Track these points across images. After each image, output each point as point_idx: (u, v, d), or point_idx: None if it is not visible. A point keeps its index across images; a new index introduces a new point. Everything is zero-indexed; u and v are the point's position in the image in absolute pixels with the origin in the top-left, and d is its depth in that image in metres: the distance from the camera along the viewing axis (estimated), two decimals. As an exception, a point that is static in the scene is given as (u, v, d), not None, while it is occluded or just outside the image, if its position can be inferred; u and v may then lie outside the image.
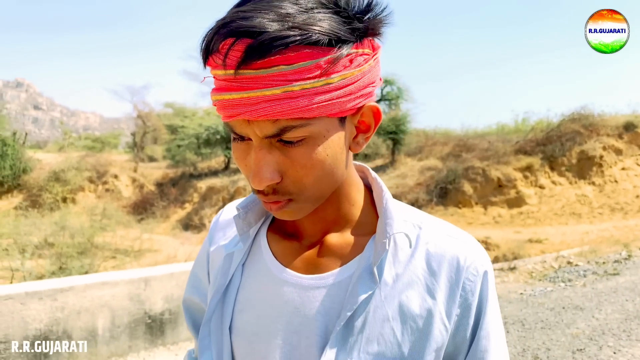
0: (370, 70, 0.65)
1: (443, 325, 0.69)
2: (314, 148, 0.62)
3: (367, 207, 0.77)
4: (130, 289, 4.10)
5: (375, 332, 0.68)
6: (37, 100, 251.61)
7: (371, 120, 0.69)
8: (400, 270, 0.71)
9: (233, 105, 0.59)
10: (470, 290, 0.70)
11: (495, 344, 0.72)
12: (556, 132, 17.49)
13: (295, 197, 0.66)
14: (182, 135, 23.76)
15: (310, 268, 0.74)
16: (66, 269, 9.60)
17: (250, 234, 0.80)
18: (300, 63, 0.57)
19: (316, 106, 0.59)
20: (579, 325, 5.08)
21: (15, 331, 3.56)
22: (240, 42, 0.56)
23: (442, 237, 0.73)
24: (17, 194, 21.66)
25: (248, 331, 0.74)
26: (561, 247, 10.78)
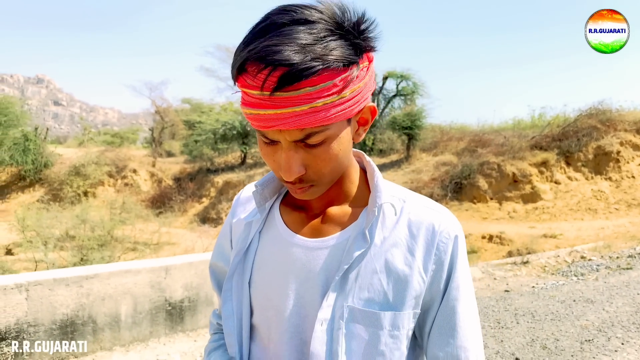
0: (369, 79, 0.82)
1: (421, 277, 0.86)
2: (330, 146, 0.80)
3: (362, 185, 0.96)
4: (152, 277, 4.27)
5: (366, 282, 0.85)
6: (57, 96, 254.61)
7: (369, 116, 0.86)
8: (387, 234, 0.88)
9: (268, 119, 0.75)
10: (443, 250, 0.87)
11: (464, 294, 0.89)
12: (573, 127, 17.33)
13: (316, 183, 0.84)
14: (199, 130, 23.96)
15: (315, 233, 0.92)
16: (87, 260, 9.84)
17: (266, 207, 0.99)
18: (322, 84, 0.72)
19: (334, 116, 0.76)
20: (589, 317, 5.15)
21: (44, 315, 3.75)
22: (276, 71, 0.70)
23: (421, 208, 0.91)
24: (38, 187, 22.09)
25: (264, 285, 0.93)
26: (576, 243, 10.75)
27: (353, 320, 0.85)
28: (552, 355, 4.22)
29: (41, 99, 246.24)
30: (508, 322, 5.08)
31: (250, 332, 0.96)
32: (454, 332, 0.88)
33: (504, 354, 4.26)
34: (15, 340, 3.62)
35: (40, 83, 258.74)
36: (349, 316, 0.85)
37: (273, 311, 0.91)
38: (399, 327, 0.86)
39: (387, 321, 0.85)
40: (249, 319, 0.95)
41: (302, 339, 0.88)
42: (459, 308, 0.88)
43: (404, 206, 0.91)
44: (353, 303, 0.85)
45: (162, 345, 4.21)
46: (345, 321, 0.85)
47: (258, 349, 0.94)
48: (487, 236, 12.30)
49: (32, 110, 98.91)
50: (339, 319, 0.85)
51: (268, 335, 0.92)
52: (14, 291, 3.61)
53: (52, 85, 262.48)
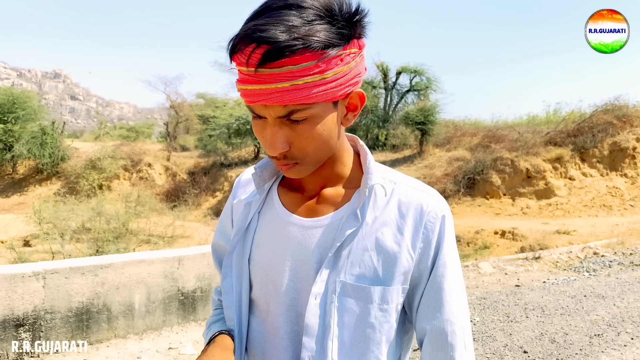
0: (357, 65, 0.86)
1: (409, 254, 0.91)
2: (314, 125, 0.84)
3: (355, 168, 1.00)
4: (165, 267, 4.36)
5: (357, 258, 0.91)
6: (73, 91, 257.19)
7: (358, 102, 0.90)
8: (378, 214, 0.93)
9: (254, 94, 0.80)
10: (430, 229, 0.92)
11: (450, 271, 0.94)
12: (588, 123, 17.14)
13: (300, 161, 0.89)
14: (213, 125, 24.09)
15: (310, 213, 0.97)
16: (103, 252, 9.99)
17: (265, 189, 1.04)
18: (303, 64, 0.77)
19: (315, 95, 0.80)
20: (599, 312, 5.15)
21: (61, 303, 3.85)
22: (260, 48, 0.76)
23: (411, 189, 0.96)
24: (55, 180, 22.41)
25: (263, 262, 0.98)
26: (589, 239, 10.68)
27: (345, 294, 0.90)
28: (560, 349, 4.24)
29: (58, 93, 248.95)
30: (517, 316, 5.10)
31: (250, 306, 1.00)
32: (441, 306, 0.92)
33: (512, 347, 4.28)
34: (32, 326, 3.73)
35: (57, 78, 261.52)
36: (341, 290, 0.90)
37: (271, 286, 0.96)
38: (388, 301, 0.90)
39: (376, 295, 0.90)
40: (248, 294, 1.00)
41: (297, 312, 0.94)
42: (445, 284, 0.92)
43: (395, 187, 0.96)
44: (345, 278, 0.90)
45: (175, 334, 4.30)
46: (337, 295, 0.90)
47: (257, 321, 0.99)
48: (499, 232, 12.25)
49: (49, 104, 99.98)
50: (331, 293, 0.90)
51: (267, 309, 0.97)
52: (32, 279, 3.72)
53: (69, 80, 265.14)
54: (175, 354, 3.95)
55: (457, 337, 0.92)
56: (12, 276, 3.65)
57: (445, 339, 0.92)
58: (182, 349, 4.02)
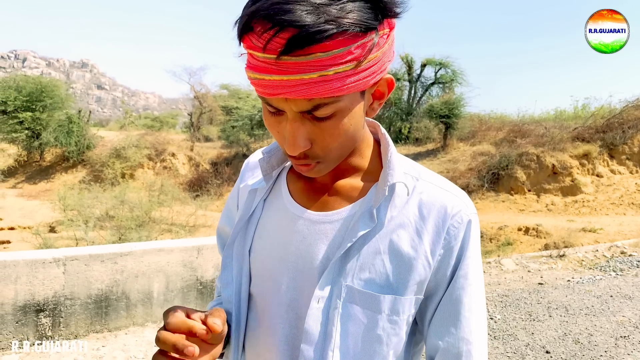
0: (389, 49, 0.75)
1: (427, 262, 0.81)
2: (341, 120, 0.73)
3: (374, 159, 0.90)
4: (184, 256, 4.36)
5: (368, 262, 0.81)
6: (100, 80, 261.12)
7: (385, 89, 0.80)
8: (395, 213, 0.83)
9: (273, 85, 0.69)
10: (454, 235, 0.82)
11: (472, 284, 0.83)
12: (618, 119, 16.69)
13: (323, 160, 0.79)
14: (236, 116, 24.18)
15: (320, 206, 0.88)
16: (125, 239, 10.11)
17: (273, 175, 0.95)
18: (335, 50, 0.66)
19: (346, 87, 0.69)
20: (626, 314, 5.00)
21: (80, 290, 3.88)
22: (284, 32, 0.64)
23: (435, 188, 0.85)
24: (81, 168, 22.75)
25: (263, 254, 0.89)
26: (616, 238, 10.43)
27: (351, 300, 0.81)
28: (584, 350, 4.13)
29: (85, 82, 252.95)
30: (540, 315, 4.99)
31: (249, 302, 0.92)
32: (457, 322, 0.83)
33: (534, 347, 4.18)
34: (52, 312, 3.77)
35: (84, 67, 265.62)
36: (346, 296, 0.80)
37: (270, 282, 0.88)
38: (398, 312, 0.81)
39: (386, 305, 0.80)
40: (248, 288, 0.91)
41: (297, 313, 0.85)
42: (465, 298, 0.83)
43: (417, 185, 0.86)
44: (352, 283, 0.80)
45: (193, 323, 4.31)
46: (342, 301, 0.80)
47: (253, 319, 0.91)
48: (523, 228, 12.04)
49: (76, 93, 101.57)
50: (336, 298, 0.81)
51: (263, 307, 0.89)
52: (52, 265, 3.75)
53: (96, 69, 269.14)
54: (193, 344, 3.95)
55: (473, 358, 0.83)
56: (33, 262, 3.68)
57: (460, 359, 0.82)
58: (199, 339, 4.02)
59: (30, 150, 23.50)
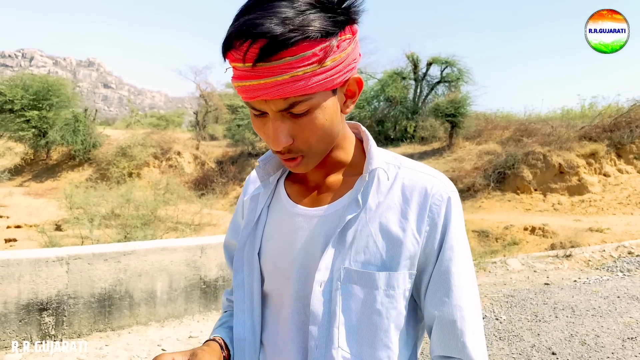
0: (352, 51, 0.85)
1: (415, 238, 0.90)
2: (316, 115, 0.83)
3: (357, 154, 1.00)
4: (187, 256, 4.35)
5: (361, 245, 0.90)
6: (106, 79, 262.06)
7: (355, 88, 0.90)
8: (382, 199, 0.93)
9: (253, 89, 0.79)
10: (436, 212, 0.91)
11: (458, 254, 0.91)
12: (625, 118, 16.52)
13: (306, 153, 0.88)
14: (241, 115, 24.18)
15: (315, 202, 0.98)
16: (131, 238, 10.13)
17: (270, 181, 1.05)
18: (301, 54, 0.76)
19: (315, 84, 0.79)
20: (633, 315, 4.95)
21: (83, 288, 3.88)
22: (256, 43, 0.75)
23: (415, 173, 0.95)
24: (87, 167, 22.82)
25: (273, 254, 0.99)
26: (624, 238, 10.34)
27: (349, 280, 0.89)
28: (591, 351, 4.09)
29: (92, 81, 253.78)
30: (546, 315, 4.94)
31: (263, 301, 1.01)
32: (449, 291, 0.90)
33: (540, 348, 4.14)
34: (55, 310, 3.76)
35: (91, 66, 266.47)
36: (345, 277, 0.89)
37: (281, 278, 0.97)
38: (394, 287, 0.89)
39: (382, 281, 0.88)
40: (260, 288, 1.00)
41: (304, 301, 0.93)
42: (453, 268, 0.90)
43: (399, 172, 0.95)
44: (349, 265, 0.89)
45: (196, 322, 4.30)
46: (342, 282, 0.89)
47: (270, 314, 0.99)
48: (529, 228, 11.96)
49: (82, 92, 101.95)
50: (336, 280, 0.89)
51: (280, 302, 0.97)
52: (55, 264, 3.74)
53: (102, 68, 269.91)
54: (196, 343, 3.93)
55: (466, 322, 0.90)
56: (37, 260, 3.68)
57: (454, 324, 0.90)
58: (202, 338, 4.00)
59: (37, 149, 23.60)
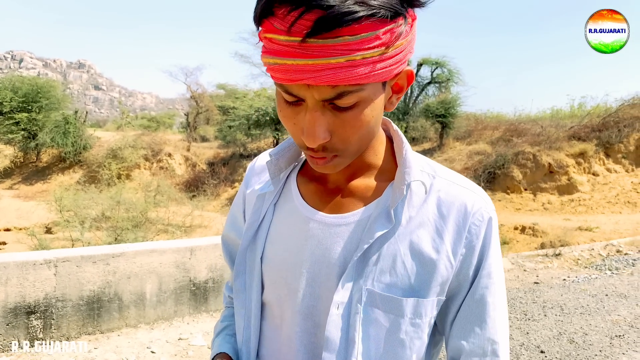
0: (412, 39, 0.72)
1: (449, 262, 0.79)
2: (362, 111, 0.70)
3: (387, 157, 0.87)
4: (177, 258, 4.34)
5: (387, 264, 0.78)
6: (97, 81, 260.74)
7: (404, 82, 0.77)
8: (414, 213, 0.80)
9: (297, 70, 0.64)
10: (475, 234, 0.80)
11: (495, 282, 0.82)
12: (614, 118, 16.69)
13: (341, 153, 0.75)
14: (233, 116, 24.11)
15: (334, 208, 0.84)
16: (121, 240, 10.07)
17: (281, 178, 0.91)
18: (363, 34, 0.62)
19: (373, 74, 0.66)
20: (621, 313, 5.00)
21: (72, 291, 3.86)
22: (311, 13, 0.61)
23: (453, 185, 0.83)
24: (77, 169, 22.69)
25: (276, 261, 0.86)
26: (612, 236, 10.43)
27: (372, 304, 0.78)
28: (579, 349, 4.12)
29: (82, 83, 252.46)
30: (535, 314, 4.98)
31: (262, 310, 0.89)
32: (482, 322, 0.81)
33: (529, 347, 4.17)
34: (43, 314, 3.74)
35: (81, 68, 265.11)
36: (367, 300, 0.78)
37: (286, 290, 0.84)
38: (421, 315, 0.79)
39: (409, 308, 0.78)
40: (260, 296, 0.88)
41: (315, 321, 0.82)
42: (489, 297, 0.81)
43: (434, 182, 0.83)
44: (372, 286, 0.78)
45: (186, 324, 4.29)
46: (363, 305, 0.78)
47: (270, 327, 0.88)
48: (519, 227, 12.04)
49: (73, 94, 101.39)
50: (356, 303, 0.78)
51: (280, 315, 0.86)
52: (43, 267, 3.72)
53: (93, 70, 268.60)
54: (185, 345, 3.93)
55: (499, 358, 0.82)
56: (24, 263, 3.65)
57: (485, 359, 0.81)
58: (192, 340, 4.00)
59: (27, 151, 23.42)
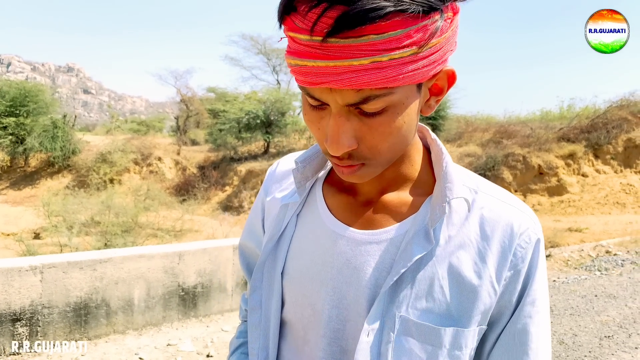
0: (452, 35, 0.65)
1: (492, 288, 0.71)
2: (393, 116, 0.63)
3: (424, 168, 0.79)
4: (165, 263, 4.30)
5: (424, 289, 0.70)
6: (86, 85, 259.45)
7: (445, 84, 0.69)
8: (454, 233, 0.72)
9: (318, 73, 0.59)
10: (521, 257, 0.72)
11: (540, 311, 0.74)
12: (602, 119, 16.85)
13: (369, 162, 0.68)
14: (223, 119, 24.06)
15: (365, 224, 0.77)
16: (111, 245, 10.01)
17: (306, 187, 0.84)
18: (391, 32, 0.56)
19: (402, 77, 0.59)
20: (610, 313, 5.02)
21: (58, 297, 3.81)
22: (333, 10, 0.55)
23: (497, 202, 0.75)
24: (66, 174, 22.51)
25: (299, 277, 0.79)
26: (602, 237, 10.50)
27: (405, 333, 0.70)
28: (569, 350, 4.13)
29: (71, 87, 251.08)
30: (525, 315, 4.99)
31: (281, 329, 0.82)
32: (524, 355, 0.73)
33: (519, 348, 4.18)
34: (29, 321, 3.69)
35: (70, 71, 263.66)
36: (400, 328, 0.70)
37: (310, 310, 0.77)
38: (461, 347, 0.71)
39: (447, 338, 0.70)
40: (279, 313, 0.81)
41: (342, 346, 0.75)
42: (532, 327, 0.73)
43: (476, 198, 0.75)
44: (407, 313, 0.70)
45: (175, 330, 4.25)
46: (395, 334, 0.70)
47: (290, 348, 0.81)
48: (510, 229, 12.10)
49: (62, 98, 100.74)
50: (388, 331, 0.70)
51: (304, 336, 0.79)
52: (29, 273, 3.67)
53: (82, 73, 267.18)
54: (174, 351, 3.89)
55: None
56: (9, 270, 3.60)
57: None
58: (180, 346, 3.96)
59: (15, 156, 23.21)
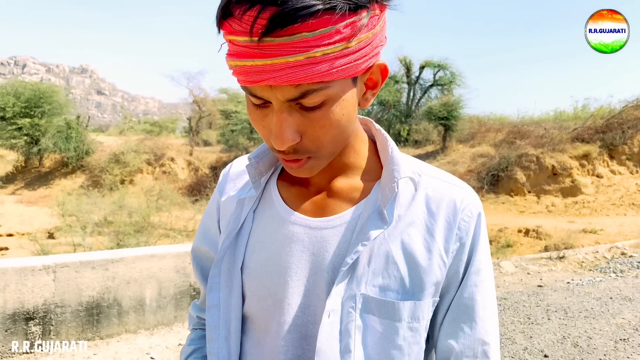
0: (380, 31, 0.68)
1: (442, 261, 0.76)
2: (332, 109, 0.67)
3: (371, 157, 0.83)
4: (177, 262, 4.31)
5: (380, 267, 0.74)
6: (100, 86, 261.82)
7: (379, 77, 0.73)
8: (402, 212, 0.77)
9: (257, 71, 0.62)
10: (465, 230, 0.77)
11: (484, 280, 0.79)
12: (617, 119, 16.65)
13: (314, 155, 0.71)
14: (235, 120, 24.19)
15: (318, 211, 0.80)
16: (123, 245, 10.06)
17: (261, 183, 0.86)
18: (322, 29, 0.59)
19: (336, 70, 0.63)
20: (625, 316, 4.94)
21: (71, 297, 3.83)
22: (266, 11, 0.58)
23: (440, 182, 0.80)
24: (80, 174, 22.72)
25: (259, 270, 0.81)
26: (617, 239, 10.37)
27: (367, 311, 0.74)
28: (583, 353, 4.07)
29: (85, 88, 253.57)
30: (539, 318, 4.93)
31: (243, 325, 0.83)
32: (472, 322, 0.78)
33: (532, 351, 4.12)
34: (42, 320, 3.71)
35: (84, 73, 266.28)
36: (362, 306, 0.74)
37: (270, 300, 0.79)
38: (418, 319, 0.75)
39: (406, 312, 0.74)
40: (240, 310, 0.82)
41: (302, 333, 0.77)
42: (478, 295, 0.78)
43: (420, 180, 0.80)
44: (367, 291, 0.74)
45: (186, 330, 4.25)
46: (359, 312, 0.74)
47: (252, 343, 0.82)
48: (523, 230, 11.99)
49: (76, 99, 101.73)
50: (350, 310, 0.73)
51: (265, 328, 0.80)
52: (42, 272, 3.69)
53: (96, 75, 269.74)
54: (185, 351, 3.89)
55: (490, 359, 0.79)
56: (22, 269, 3.63)
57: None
58: (192, 346, 3.96)
59: (29, 157, 23.50)
